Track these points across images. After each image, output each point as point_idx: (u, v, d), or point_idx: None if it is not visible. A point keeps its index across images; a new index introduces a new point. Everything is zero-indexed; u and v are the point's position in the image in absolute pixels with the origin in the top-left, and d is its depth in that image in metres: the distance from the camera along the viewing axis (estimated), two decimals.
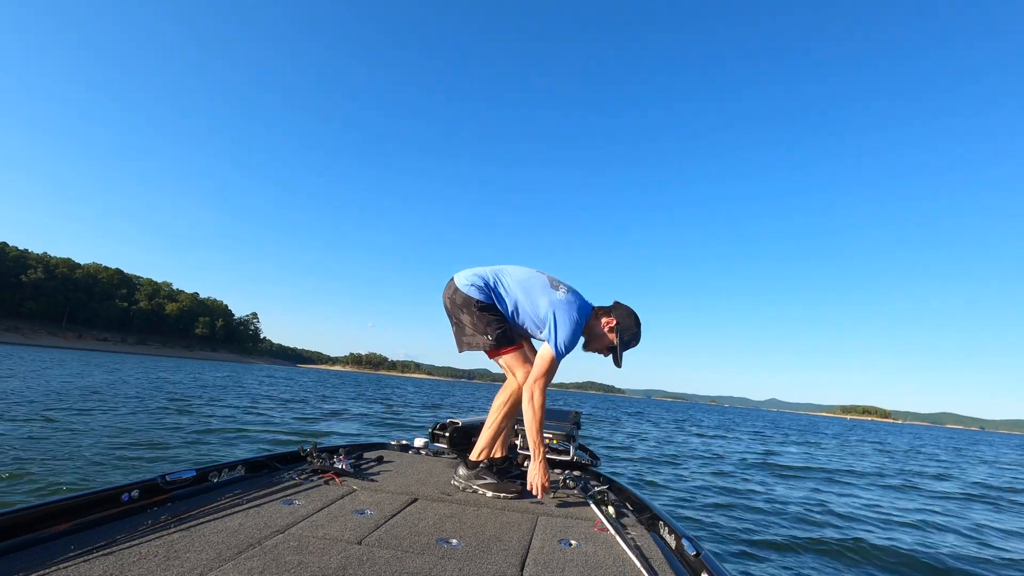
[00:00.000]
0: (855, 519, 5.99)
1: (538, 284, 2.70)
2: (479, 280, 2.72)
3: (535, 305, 2.65)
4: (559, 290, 2.67)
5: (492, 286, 2.72)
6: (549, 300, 2.62)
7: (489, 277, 2.74)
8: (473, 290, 2.70)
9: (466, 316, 2.68)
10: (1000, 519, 6.92)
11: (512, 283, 2.74)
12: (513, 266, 2.86)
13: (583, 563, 1.59)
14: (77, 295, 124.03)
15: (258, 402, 15.42)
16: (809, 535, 4.97)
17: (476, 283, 2.71)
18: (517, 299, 2.69)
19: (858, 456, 15.59)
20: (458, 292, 2.70)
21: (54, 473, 4.70)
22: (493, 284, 2.73)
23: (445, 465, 2.93)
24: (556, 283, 2.73)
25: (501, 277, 2.76)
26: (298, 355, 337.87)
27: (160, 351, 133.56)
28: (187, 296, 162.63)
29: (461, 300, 2.69)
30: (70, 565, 1.31)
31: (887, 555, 4.61)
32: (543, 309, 2.62)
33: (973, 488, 9.98)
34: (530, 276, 2.76)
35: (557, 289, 2.68)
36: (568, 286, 2.74)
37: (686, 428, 22.62)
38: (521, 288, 2.71)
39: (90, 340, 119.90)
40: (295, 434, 9.06)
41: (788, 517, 5.76)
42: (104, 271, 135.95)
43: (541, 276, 2.77)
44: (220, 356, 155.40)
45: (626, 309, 2.71)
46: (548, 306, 2.60)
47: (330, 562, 1.45)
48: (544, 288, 2.69)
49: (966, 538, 5.59)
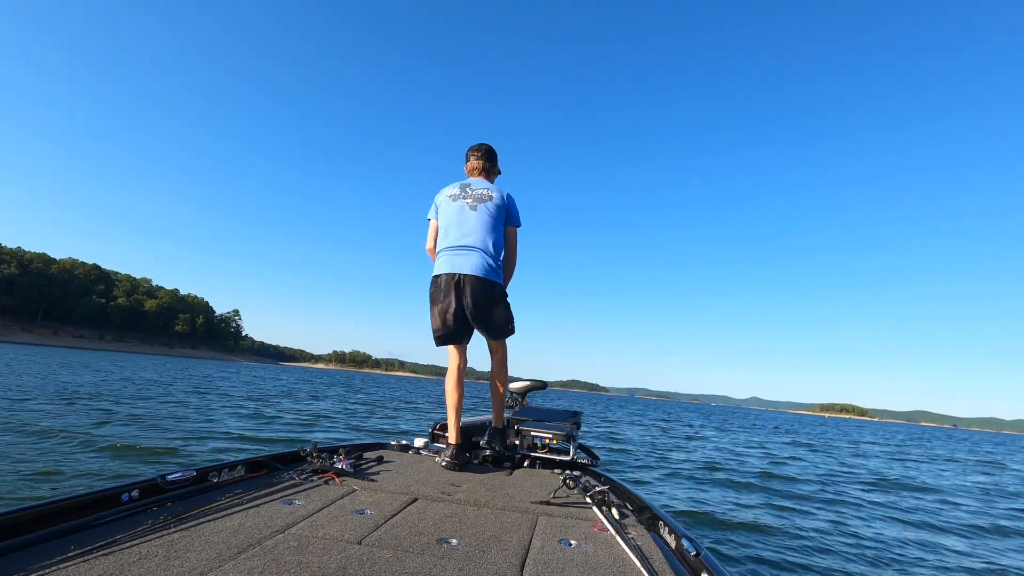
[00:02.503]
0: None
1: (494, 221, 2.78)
2: (495, 259, 2.72)
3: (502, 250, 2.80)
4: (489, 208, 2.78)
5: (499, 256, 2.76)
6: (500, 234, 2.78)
7: (495, 248, 2.74)
8: (499, 274, 2.71)
9: (499, 309, 2.69)
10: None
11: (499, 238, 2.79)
12: (462, 208, 2.83)
13: (583, 563, 1.60)
14: (53, 291, 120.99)
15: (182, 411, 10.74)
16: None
17: (496, 263, 2.72)
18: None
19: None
20: (495, 285, 2.69)
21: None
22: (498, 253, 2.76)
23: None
24: (475, 201, 2.82)
25: (497, 239, 2.77)
26: (281, 353, 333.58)
27: (138, 348, 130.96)
28: (167, 293, 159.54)
29: (500, 292, 2.71)
30: (70, 565, 1.29)
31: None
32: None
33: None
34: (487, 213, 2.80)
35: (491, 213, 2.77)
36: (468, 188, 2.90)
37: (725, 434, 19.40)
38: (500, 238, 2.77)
39: (66, 337, 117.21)
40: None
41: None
42: (81, 267, 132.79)
43: (479, 207, 2.81)
44: (201, 354, 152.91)
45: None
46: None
47: (330, 562, 1.45)
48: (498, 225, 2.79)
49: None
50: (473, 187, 2.93)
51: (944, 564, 4.61)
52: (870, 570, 4.28)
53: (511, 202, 2.93)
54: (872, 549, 4.83)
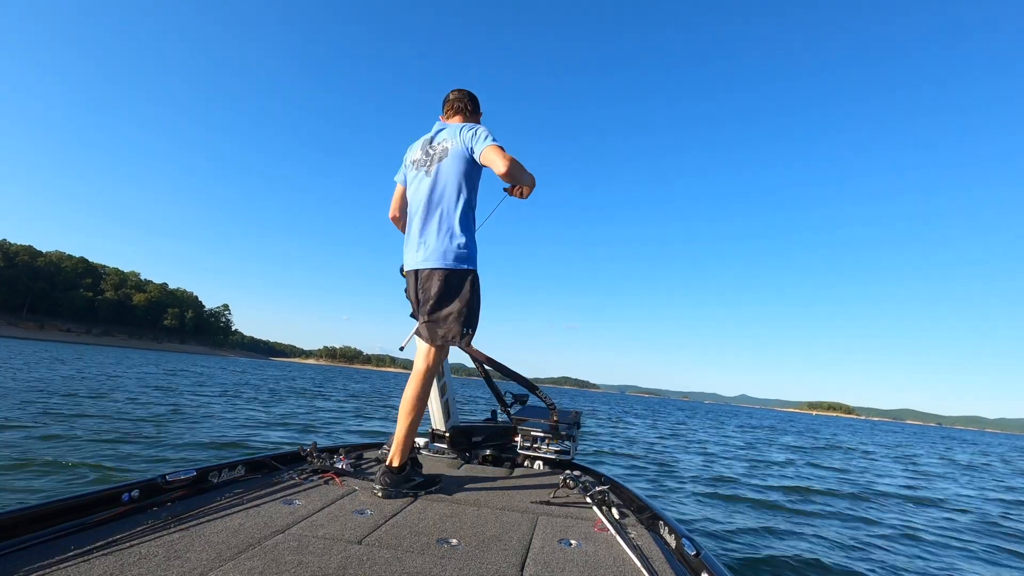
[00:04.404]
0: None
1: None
2: (452, 237, 2.30)
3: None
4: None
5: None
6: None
7: (465, 234, 2.33)
8: (460, 256, 2.29)
9: (448, 301, 2.29)
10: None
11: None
12: (419, 179, 2.41)
13: (583, 563, 1.60)
14: (39, 284, 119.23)
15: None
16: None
17: (453, 242, 2.30)
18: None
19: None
20: (447, 272, 2.29)
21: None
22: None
23: (446, 465, 2.93)
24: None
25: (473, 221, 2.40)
26: (271, 348, 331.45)
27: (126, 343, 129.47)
28: (155, 287, 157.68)
29: (457, 282, 2.30)
30: (70, 565, 1.29)
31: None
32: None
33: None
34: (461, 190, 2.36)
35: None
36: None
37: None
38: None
39: (52, 331, 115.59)
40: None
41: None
42: (68, 260, 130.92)
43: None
44: (189, 348, 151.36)
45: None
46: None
47: (330, 562, 1.45)
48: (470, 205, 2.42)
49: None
50: (435, 141, 2.41)
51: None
52: (871, 570, 4.23)
53: (472, 136, 2.30)
54: (887, 552, 4.73)
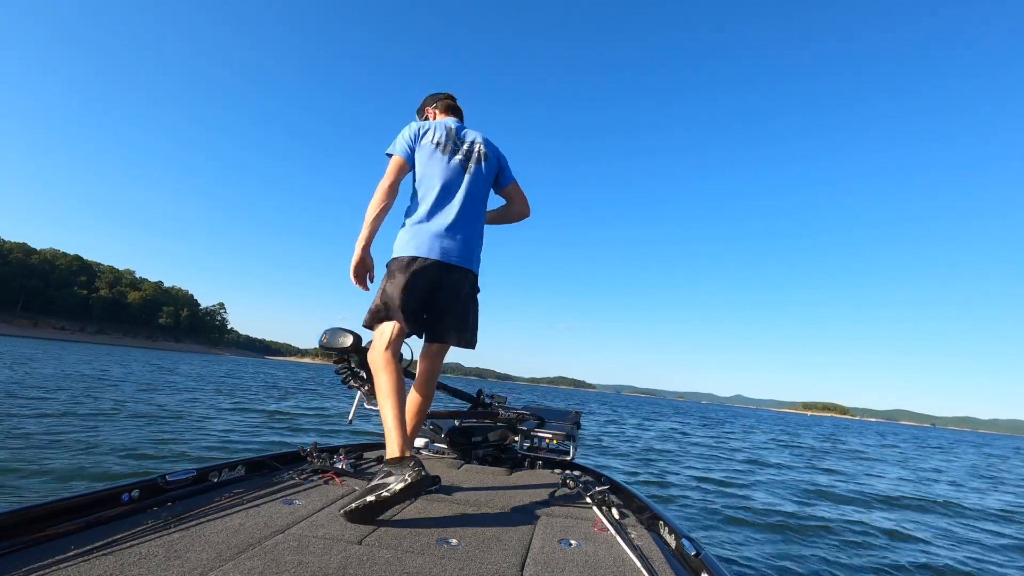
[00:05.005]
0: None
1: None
2: (480, 240, 2.29)
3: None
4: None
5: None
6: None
7: (481, 227, 2.31)
8: (479, 259, 2.29)
9: (474, 307, 2.33)
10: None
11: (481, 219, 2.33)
12: (457, 168, 2.24)
13: (583, 563, 1.60)
14: (33, 281, 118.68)
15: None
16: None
17: (480, 246, 2.29)
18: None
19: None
20: (474, 276, 2.28)
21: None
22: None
23: (446, 465, 2.92)
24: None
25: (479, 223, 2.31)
26: (267, 347, 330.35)
27: (120, 341, 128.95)
28: (151, 285, 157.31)
29: (475, 283, 2.30)
30: (70, 565, 1.28)
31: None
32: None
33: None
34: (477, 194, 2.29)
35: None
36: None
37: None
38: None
39: (46, 328, 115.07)
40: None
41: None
42: (62, 257, 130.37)
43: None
44: (184, 347, 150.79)
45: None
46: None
47: (330, 562, 1.44)
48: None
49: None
50: (466, 138, 2.29)
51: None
52: (870, 571, 4.23)
53: (507, 161, 2.46)
54: (879, 550, 4.74)
